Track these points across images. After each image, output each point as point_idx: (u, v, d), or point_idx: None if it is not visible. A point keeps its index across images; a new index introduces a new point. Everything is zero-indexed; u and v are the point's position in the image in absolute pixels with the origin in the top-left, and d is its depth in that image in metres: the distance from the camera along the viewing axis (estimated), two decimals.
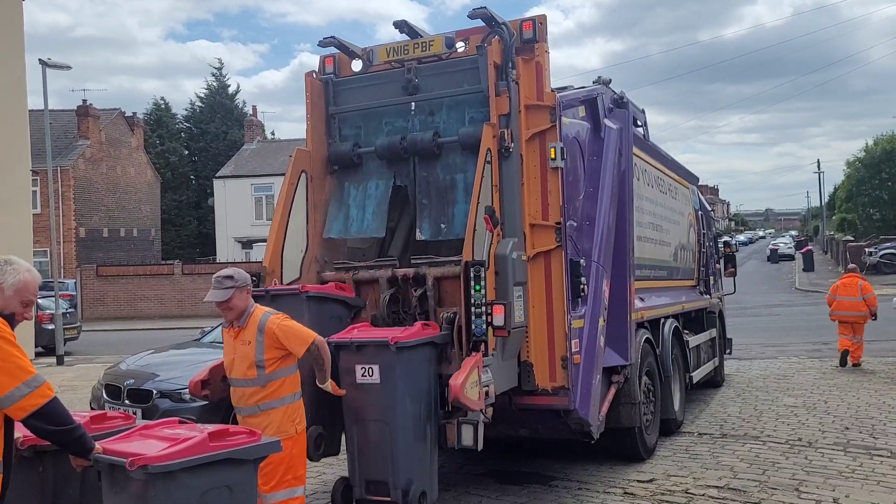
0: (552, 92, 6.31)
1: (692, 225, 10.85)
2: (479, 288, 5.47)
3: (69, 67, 20.68)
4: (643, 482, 6.70)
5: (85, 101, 38.72)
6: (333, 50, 6.83)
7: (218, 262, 38.42)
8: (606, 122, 7.25)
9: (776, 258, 55.23)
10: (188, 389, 5.63)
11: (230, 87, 55.19)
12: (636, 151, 7.84)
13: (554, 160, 6.12)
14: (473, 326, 5.46)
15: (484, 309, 5.46)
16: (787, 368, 12.97)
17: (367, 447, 5.33)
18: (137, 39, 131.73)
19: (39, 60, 19.67)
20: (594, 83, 7.61)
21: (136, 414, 6.79)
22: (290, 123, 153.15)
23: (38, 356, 16.40)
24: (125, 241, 41.36)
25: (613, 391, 6.89)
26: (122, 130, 41.77)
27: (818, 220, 76.32)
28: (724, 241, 13.45)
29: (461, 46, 6.46)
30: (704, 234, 11.48)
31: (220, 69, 55.28)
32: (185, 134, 54.56)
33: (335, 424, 5.76)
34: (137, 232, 42.56)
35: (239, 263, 34.25)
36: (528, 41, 6.28)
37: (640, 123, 8.45)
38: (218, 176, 42.53)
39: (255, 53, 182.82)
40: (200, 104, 53.94)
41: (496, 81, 6.15)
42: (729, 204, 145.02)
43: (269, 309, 4.98)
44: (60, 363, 17.90)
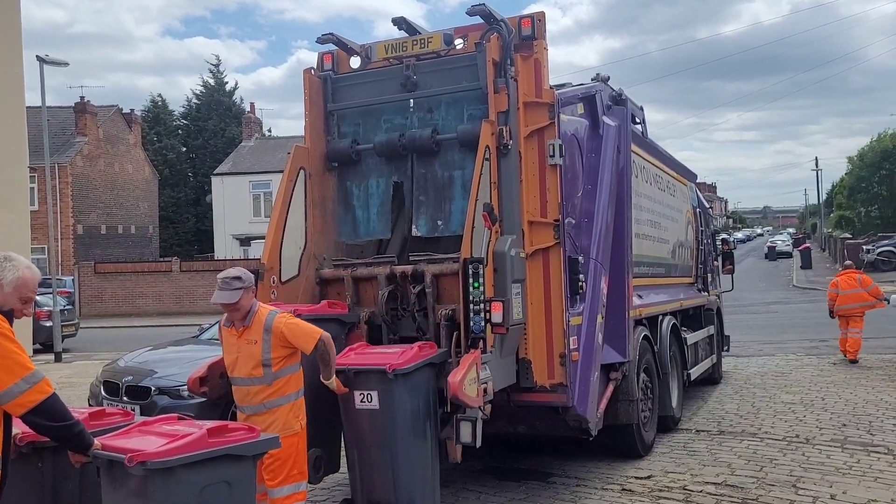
0: (551, 89, 6.31)
1: (690, 222, 10.86)
2: (477, 285, 5.47)
3: (66, 64, 20.68)
4: (641, 479, 6.72)
5: (82, 97, 38.67)
6: (332, 47, 6.82)
7: (216, 259, 38.44)
8: (605, 119, 7.25)
9: (774, 255, 55.30)
10: (187, 386, 5.63)
11: (228, 84, 55.18)
12: (634, 148, 7.84)
13: (552, 157, 6.12)
14: (472, 323, 5.47)
15: (482, 306, 5.46)
16: (784, 365, 13.00)
17: (369, 470, 5.35)
18: (134, 36, 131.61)
19: (37, 57, 19.64)
20: (593, 80, 7.61)
21: (134, 411, 6.80)
22: (287, 120, 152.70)
23: (35, 353, 16.39)
24: (123, 238, 41.33)
25: (611, 388, 6.90)
26: (119, 127, 41.71)
27: (816, 217, 76.37)
28: (721, 238, 13.45)
29: (460, 43, 6.46)
30: (702, 231, 11.49)
31: (217, 66, 55.22)
32: (182, 131, 54.48)
33: (334, 442, 5.79)
34: (135, 229, 42.52)
35: (237, 261, 34.32)
36: (526, 38, 6.28)
37: (638, 120, 8.46)
38: (216, 173, 42.47)
39: (252, 50, 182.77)
40: (197, 101, 53.84)
41: (495, 78, 6.15)
42: (727, 201, 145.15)
43: (272, 307, 4.99)
44: (58, 360, 17.90)
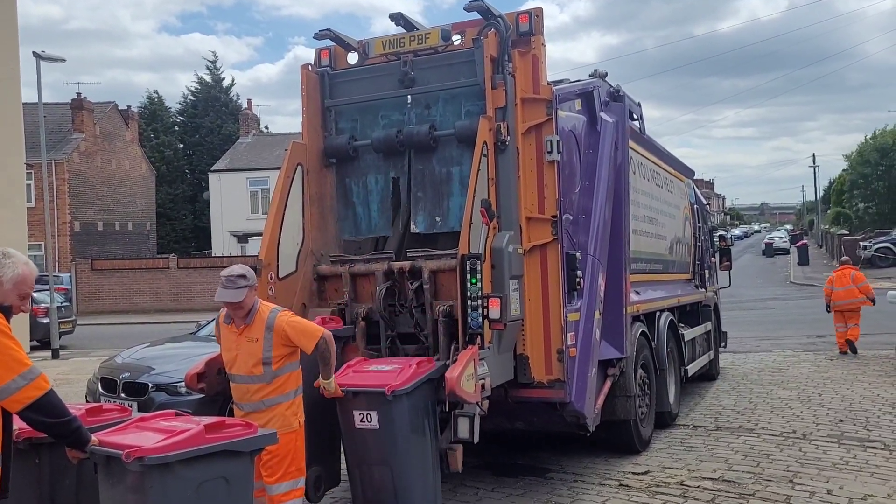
0: (548, 85, 6.31)
1: (688, 218, 10.87)
2: (475, 281, 5.48)
3: (63, 60, 20.60)
4: (638, 474, 6.73)
5: (79, 94, 38.53)
6: (329, 43, 6.82)
7: (213, 255, 38.38)
8: (603, 115, 7.25)
9: (771, 252, 55.37)
10: (184, 382, 5.63)
11: (224, 80, 55.02)
12: (632, 145, 7.84)
13: (550, 153, 6.13)
14: (470, 319, 5.47)
15: (480, 302, 5.46)
16: (781, 361, 13.02)
17: (371, 487, 5.33)
18: (130, 32, 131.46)
19: (33, 53, 19.56)
20: (590, 76, 7.61)
21: (131, 407, 6.80)
22: (284, 117, 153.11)
23: (33, 350, 16.38)
24: (120, 234, 41.25)
25: (609, 384, 6.91)
26: (116, 124, 41.60)
27: (813, 213, 76.44)
28: (719, 234, 13.48)
29: (457, 39, 6.46)
30: (700, 227, 11.50)
31: (214, 62, 55.07)
32: (179, 128, 54.35)
33: (334, 459, 5.77)
34: (132, 226, 42.44)
35: (234, 257, 34.26)
36: (524, 34, 6.27)
37: (636, 117, 8.45)
38: (213, 170, 42.38)
39: (249, 46, 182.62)
40: (193, 98, 53.70)
41: (492, 74, 6.14)
42: (724, 198, 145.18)
43: (273, 305, 4.98)
44: (55, 357, 17.87)
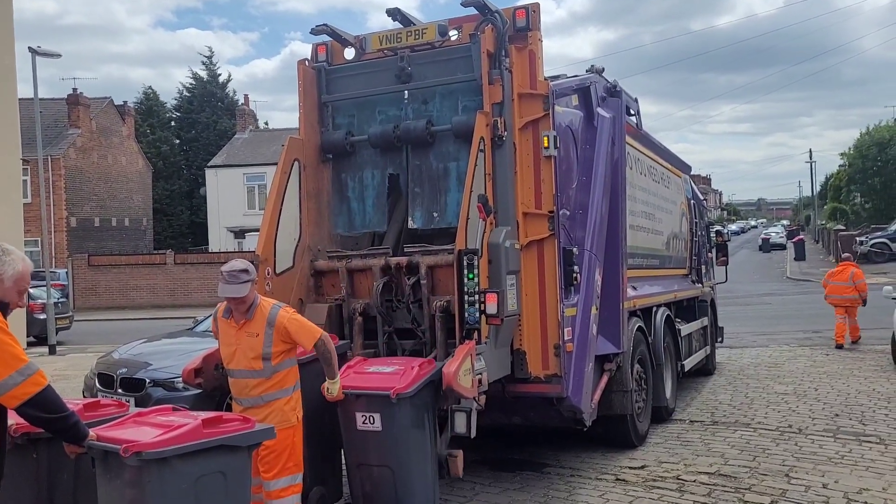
0: (545, 80, 6.31)
1: (684, 214, 10.88)
2: (472, 276, 5.49)
3: (59, 55, 20.51)
4: (635, 469, 6.75)
5: (75, 89, 38.42)
6: (326, 38, 6.80)
7: (210, 251, 38.34)
8: (599, 110, 7.25)
9: (768, 247, 55.40)
10: (181, 378, 5.64)
11: (221, 75, 54.92)
12: (629, 140, 7.85)
13: (547, 149, 6.13)
14: (466, 315, 5.48)
15: (477, 297, 5.47)
16: (778, 356, 13.06)
17: (371, 489, 5.33)
18: (126, 27, 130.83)
19: (29, 48, 19.50)
20: (587, 72, 7.61)
21: (128, 402, 6.79)
22: (281, 112, 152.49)
23: (29, 346, 16.38)
24: (117, 230, 41.19)
25: (606, 379, 6.93)
26: (112, 119, 41.51)
27: (810, 209, 76.55)
28: (716, 230, 13.50)
29: (454, 34, 6.45)
30: (697, 223, 11.52)
31: (210, 58, 54.93)
32: (175, 123, 54.24)
33: (336, 478, 5.74)
34: (129, 221, 42.38)
35: (231, 253, 34.22)
36: (521, 29, 6.27)
37: (632, 112, 8.46)
38: (210, 165, 42.31)
39: (245, 42, 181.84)
40: (188, 93, 53.56)
41: (489, 70, 6.14)
42: (721, 193, 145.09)
43: (274, 301, 4.98)
44: (52, 353, 17.86)
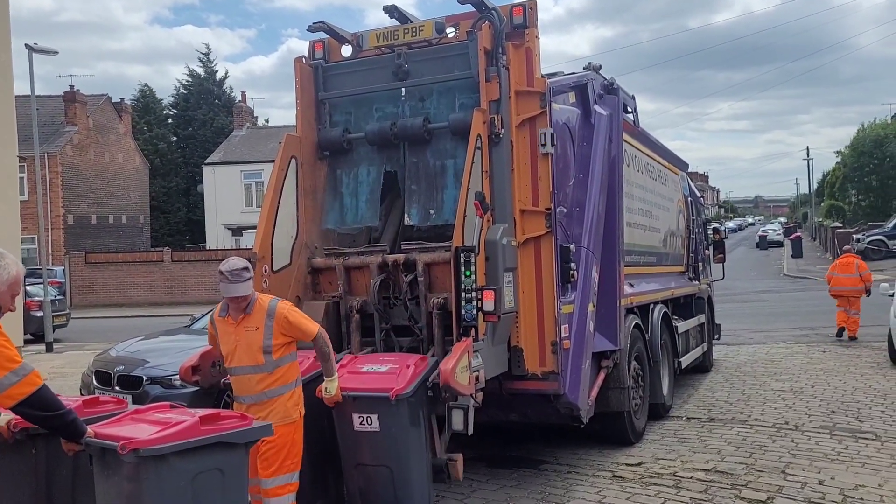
0: (542, 78, 6.31)
1: (681, 211, 10.89)
2: (469, 273, 5.49)
3: (56, 52, 20.47)
4: (632, 466, 6.76)
5: (72, 86, 38.38)
6: (323, 35, 6.79)
7: (208, 248, 38.32)
8: (596, 108, 7.26)
9: (765, 245, 55.48)
10: (179, 375, 5.65)
11: (218, 72, 54.82)
12: (626, 138, 7.85)
13: (544, 146, 6.13)
14: (464, 312, 5.48)
15: (474, 294, 5.47)
16: (774, 353, 13.08)
17: (369, 489, 5.31)
18: (123, 24, 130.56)
19: (26, 45, 19.44)
20: (584, 69, 7.60)
21: (126, 400, 6.79)
22: (278, 110, 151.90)
23: (26, 343, 16.35)
24: (114, 227, 41.16)
25: (603, 376, 6.94)
26: (109, 116, 41.45)
27: (807, 206, 76.61)
28: (713, 227, 13.50)
29: (451, 32, 6.45)
30: (694, 220, 11.52)
31: (207, 55, 54.82)
32: (172, 120, 54.16)
33: (335, 495, 5.66)
34: (126, 219, 42.34)
35: (229, 250, 34.21)
36: (518, 27, 6.27)
37: (630, 110, 8.46)
38: (207, 162, 42.29)
39: (242, 39, 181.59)
40: (185, 90, 53.47)
41: (486, 67, 6.14)
42: (718, 191, 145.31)
43: (272, 295, 5.00)
44: (49, 350, 17.85)
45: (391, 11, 6.57)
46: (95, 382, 8.14)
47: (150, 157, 46.94)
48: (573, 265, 6.34)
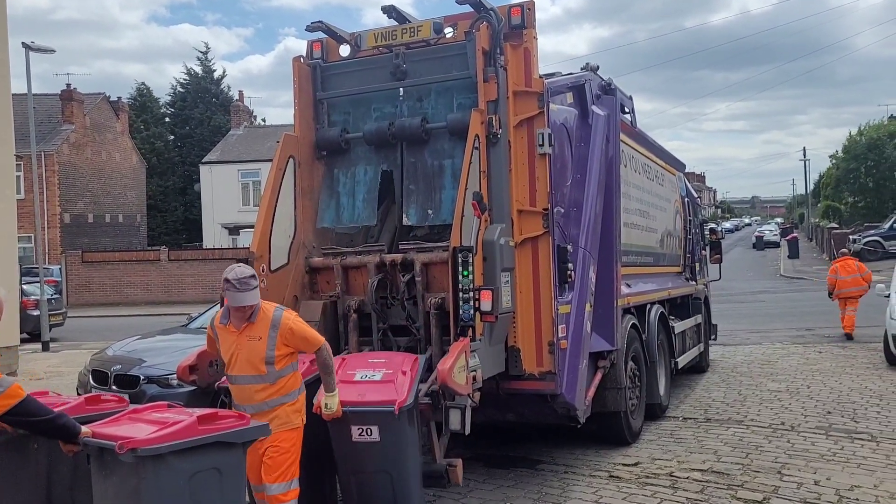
0: (540, 78, 6.33)
1: (679, 212, 10.91)
2: (466, 273, 5.49)
3: (53, 51, 20.44)
4: (628, 466, 6.77)
5: (69, 85, 38.33)
6: (321, 35, 6.80)
7: (205, 248, 38.27)
8: (594, 108, 7.27)
9: (762, 245, 55.59)
10: (176, 375, 5.64)
11: (216, 71, 54.77)
12: (623, 138, 7.86)
13: (542, 146, 6.14)
14: (461, 311, 5.48)
15: (472, 294, 5.47)
16: (771, 354, 13.11)
17: (368, 495, 5.24)
18: (119, 22, 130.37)
19: (23, 44, 19.41)
20: (582, 70, 7.62)
21: (126, 398, 6.79)
22: (275, 109, 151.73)
23: (23, 342, 16.29)
24: (110, 226, 41.09)
25: (599, 376, 6.95)
26: (106, 115, 41.38)
27: (804, 207, 76.76)
28: (710, 227, 13.53)
29: (449, 32, 6.46)
30: (691, 220, 11.55)
31: (205, 53, 54.75)
32: (169, 119, 54.08)
33: (328, 474, 5.61)
34: (123, 218, 42.28)
35: (226, 250, 34.22)
36: (516, 27, 6.28)
37: (627, 110, 8.48)
38: (204, 161, 42.23)
39: (239, 38, 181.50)
40: (182, 89, 53.38)
41: (484, 67, 6.15)
42: (715, 191, 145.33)
43: (276, 304, 4.88)
44: (46, 349, 17.83)
45: (389, 11, 6.57)
46: (92, 382, 8.12)
47: (146, 155, 46.87)
48: (570, 265, 6.35)
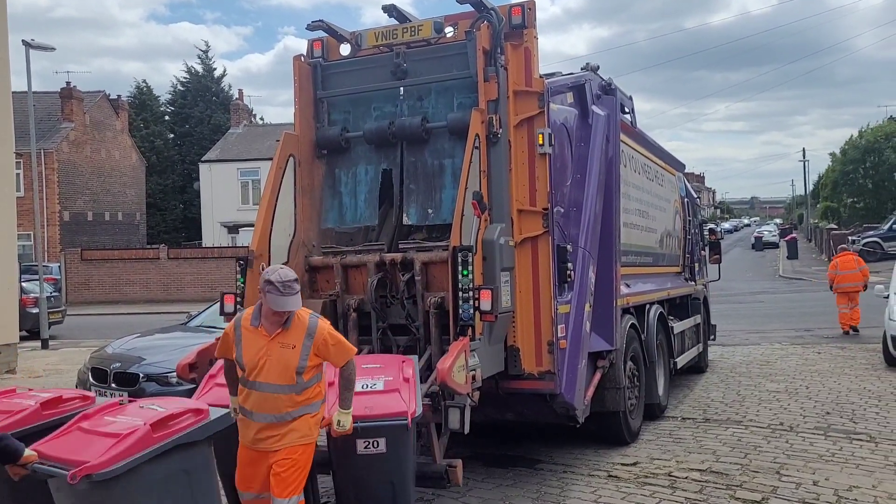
0: (540, 78, 6.33)
1: (678, 212, 10.92)
2: (466, 273, 5.49)
3: (53, 49, 20.41)
4: (627, 465, 6.78)
5: (68, 83, 38.33)
6: (321, 33, 6.80)
7: (204, 246, 38.26)
8: (594, 108, 7.27)
9: (761, 246, 55.61)
10: (176, 372, 5.65)
11: (216, 70, 54.74)
12: (623, 138, 7.86)
13: (542, 146, 6.15)
14: (461, 311, 5.49)
15: (471, 294, 5.48)
16: (770, 354, 13.11)
17: (364, 499, 5.13)
18: (118, 20, 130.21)
19: (23, 42, 19.39)
20: (582, 69, 7.62)
21: (123, 396, 6.80)
22: (275, 107, 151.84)
23: (22, 340, 16.30)
24: (110, 224, 41.07)
25: (599, 376, 6.95)
26: (106, 113, 41.36)
27: (803, 208, 76.78)
28: (709, 228, 13.54)
29: (450, 31, 6.46)
30: (690, 221, 11.55)
31: (206, 52, 54.72)
32: (169, 118, 54.05)
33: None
34: (122, 216, 42.26)
35: (225, 248, 34.21)
36: (516, 27, 6.28)
37: (627, 110, 8.48)
38: (204, 160, 42.23)
39: (238, 36, 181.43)
40: (182, 88, 53.35)
41: (485, 67, 6.15)
42: (715, 192, 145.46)
43: (310, 310, 4.59)
44: (45, 347, 17.83)
45: (390, 10, 6.57)
46: (92, 379, 8.14)
47: (146, 154, 46.86)
48: (570, 265, 6.35)
